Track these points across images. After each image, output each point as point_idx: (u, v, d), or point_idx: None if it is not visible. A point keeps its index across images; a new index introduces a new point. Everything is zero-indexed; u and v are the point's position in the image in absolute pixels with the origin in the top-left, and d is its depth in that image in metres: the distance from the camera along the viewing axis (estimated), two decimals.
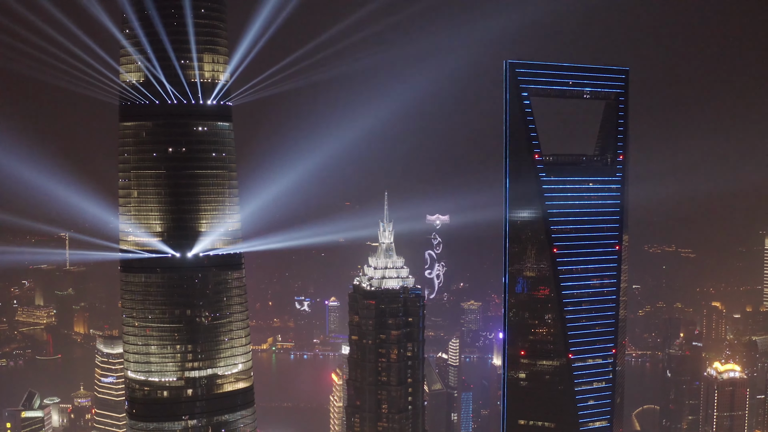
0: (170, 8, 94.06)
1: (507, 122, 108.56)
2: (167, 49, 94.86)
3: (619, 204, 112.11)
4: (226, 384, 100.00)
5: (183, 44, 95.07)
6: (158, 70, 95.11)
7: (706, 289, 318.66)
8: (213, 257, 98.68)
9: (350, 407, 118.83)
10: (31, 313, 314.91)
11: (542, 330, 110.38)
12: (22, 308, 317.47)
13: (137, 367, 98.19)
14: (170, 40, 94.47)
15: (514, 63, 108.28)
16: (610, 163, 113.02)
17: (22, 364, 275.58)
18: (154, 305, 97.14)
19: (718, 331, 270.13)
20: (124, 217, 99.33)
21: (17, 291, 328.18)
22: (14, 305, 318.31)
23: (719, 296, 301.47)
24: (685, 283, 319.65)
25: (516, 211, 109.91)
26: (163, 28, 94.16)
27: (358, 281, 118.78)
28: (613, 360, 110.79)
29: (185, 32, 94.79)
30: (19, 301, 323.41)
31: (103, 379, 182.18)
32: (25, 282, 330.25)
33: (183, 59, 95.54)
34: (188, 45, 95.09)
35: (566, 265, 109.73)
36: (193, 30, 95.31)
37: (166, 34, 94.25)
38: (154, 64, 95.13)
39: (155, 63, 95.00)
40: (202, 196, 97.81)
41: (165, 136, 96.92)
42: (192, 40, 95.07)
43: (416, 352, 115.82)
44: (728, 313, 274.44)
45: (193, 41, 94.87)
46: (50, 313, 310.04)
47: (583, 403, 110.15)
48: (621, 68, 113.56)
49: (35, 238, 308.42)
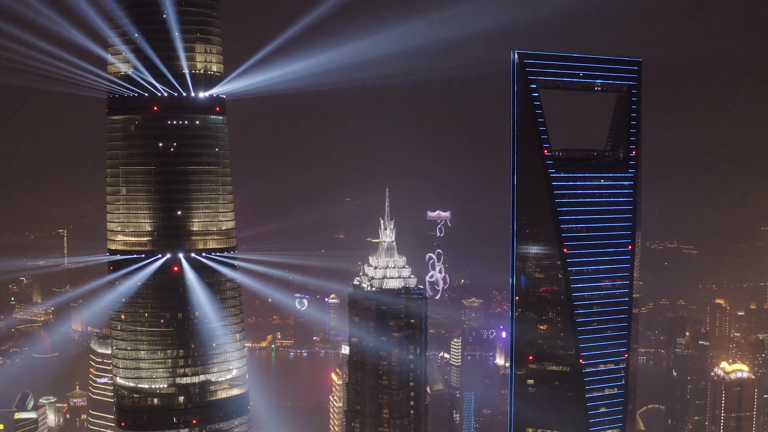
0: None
1: (514, 115, 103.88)
2: (156, 39, 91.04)
3: (632, 202, 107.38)
4: (219, 390, 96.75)
5: (173, 33, 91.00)
6: (147, 61, 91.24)
7: (709, 286, 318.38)
8: (206, 257, 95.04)
9: (350, 411, 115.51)
10: (29, 311, 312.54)
11: (551, 333, 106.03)
12: (19, 305, 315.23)
13: (126, 373, 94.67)
14: (160, 29, 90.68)
15: (522, 53, 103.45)
16: (622, 158, 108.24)
17: (19, 362, 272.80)
18: (143, 308, 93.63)
19: (721, 329, 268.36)
20: (112, 215, 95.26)
21: (15, 288, 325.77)
22: (12, 302, 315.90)
23: (722, 293, 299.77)
24: (687, 280, 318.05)
25: (524, 209, 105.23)
26: (151, 16, 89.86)
27: (358, 281, 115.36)
28: (626, 365, 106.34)
29: (176, 20, 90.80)
30: (16, 298, 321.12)
31: (97, 380, 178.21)
32: (23, 279, 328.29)
33: (173, 49, 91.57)
34: (179, 34, 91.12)
35: (577, 266, 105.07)
36: (184, 18, 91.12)
37: (155, 23, 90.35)
38: (142, 54, 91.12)
39: (144, 53, 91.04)
40: (194, 193, 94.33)
41: (155, 130, 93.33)
42: (182, 29, 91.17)
43: (418, 354, 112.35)
44: (732, 311, 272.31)
45: (182, 30, 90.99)
46: (48, 311, 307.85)
47: (594, 410, 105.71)
48: (634, 59, 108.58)
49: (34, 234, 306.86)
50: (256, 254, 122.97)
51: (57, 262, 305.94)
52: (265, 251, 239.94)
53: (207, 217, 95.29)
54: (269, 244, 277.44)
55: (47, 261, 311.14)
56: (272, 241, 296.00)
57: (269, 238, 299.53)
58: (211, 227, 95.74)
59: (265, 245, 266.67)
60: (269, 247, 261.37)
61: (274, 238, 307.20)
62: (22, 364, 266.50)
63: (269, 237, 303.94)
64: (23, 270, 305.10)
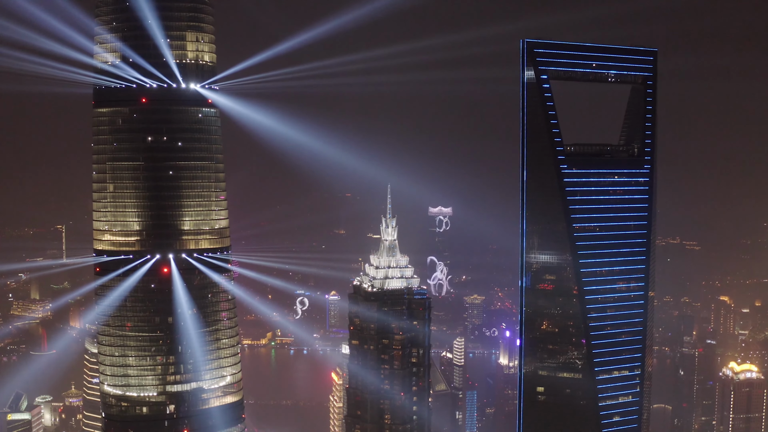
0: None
1: (524, 108, 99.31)
2: (145, 27, 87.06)
3: (648, 200, 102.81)
4: (212, 398, 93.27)
5: (163, 21, 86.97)
6: (135, 50, 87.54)
7: (712, 283, 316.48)
8: (197, 258, 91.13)
9: (350, 417, 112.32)
10: (27, 307, 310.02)
11: (563, 339, 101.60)
12: (17, 302, 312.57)
13: (114, 380, 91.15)
14: (148, 17, 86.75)
15: (531, 42, 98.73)
16: (637, 154, 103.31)
17: (16, 359, 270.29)
18: (131, 312, 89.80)
19: (726, 326, 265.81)
20: (98, 213, 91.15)
21: (13, 285, 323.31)
22: (9, 298, 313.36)
23: (725, 290, 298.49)
24: (690, 277, 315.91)
25: (534, 207, 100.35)
26: (140, 3, 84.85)
27: (358, 281, 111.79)
28: (641, 372, 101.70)
29: (165, 8, 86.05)
30: (14, 295, 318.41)
31: (92, 380, 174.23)
32: (21, 275, 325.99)
33: (163, 37, 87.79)
34: (169, 22, 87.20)
35: (590, 267, 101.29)
36: (174, 5, 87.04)
37: (143, 10, 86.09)
38: (130, 43, 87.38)
39: (132, 42, 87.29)
40: (185, 190, 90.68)
41: (143, 123, 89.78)
42: (172, 16, 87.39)
43: (422, 358, 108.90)
44: (736, 308, 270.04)
45: (171, 17, 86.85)
46: (46, 308, 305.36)
47: (607, 419, 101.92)
48: (649, 49, 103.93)
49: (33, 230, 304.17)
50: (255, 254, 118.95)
51: (55, 261, 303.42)
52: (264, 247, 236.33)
53: (199, 216, 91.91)
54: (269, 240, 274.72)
55: (45, 258, 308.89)
56: (272, 237, 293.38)
57: (269, 234, 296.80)
58: (204, 226, 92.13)
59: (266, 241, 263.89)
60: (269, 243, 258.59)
61: (274, 233, 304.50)
62: (19, 362, 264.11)
63: (269, 232, 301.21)
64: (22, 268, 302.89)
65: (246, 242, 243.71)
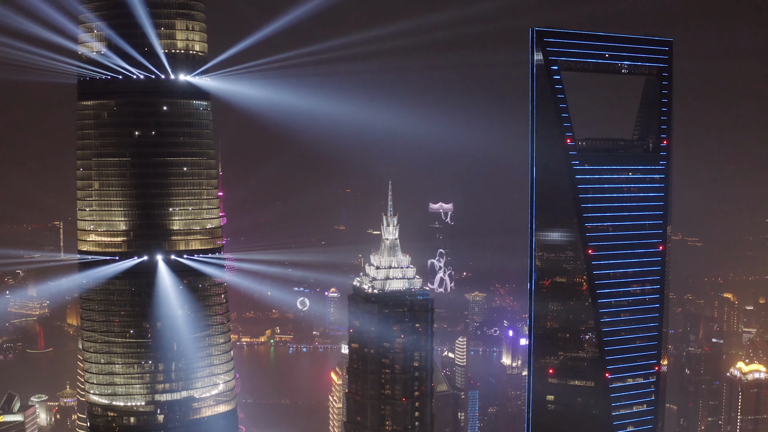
0: None
1: (533, 101, 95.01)
2: (132, 14, 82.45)
3: (664, 197, 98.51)
4: (204, 408, 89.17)
5: (151, 8, 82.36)
6: (121, 39, 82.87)
7: (714, 279, 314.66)
8: (188, 259, 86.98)
9: (350, 423, 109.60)
10: (24, 305, 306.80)
11: (574, 345, 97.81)
12: (14, 299, 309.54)
13: (100, 389, 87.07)
14: (136, 4, 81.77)
15: (541, 31, 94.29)
16: (652, 149, 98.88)
17: (12, 357, 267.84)
18: (117, 316, 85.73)
19: (730, 324, 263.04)
20: (83, 212, 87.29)
21: (11, 281, 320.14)
22: (6, 295, 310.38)
23: (728, 286, 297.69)
24: (692, 273, 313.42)
25: (544, 206, 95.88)
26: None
27: (359, 281, 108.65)
28: (656, 379, 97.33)
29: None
30: (11, 292, 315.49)
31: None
32: (19, 271, 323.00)
33: (150, 26, 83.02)
34: (157, 9, 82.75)
35: (603, 269, 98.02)
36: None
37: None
38: (116, 32, 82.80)
39: (118, 30, 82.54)
40: (174, 187, 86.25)
41: (130, 116, 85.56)
42: (160, 3, 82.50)
43: (424, 362, 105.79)
44: (740, 305, 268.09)
45: (159, 4, 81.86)
46: (43, 304, 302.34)
47: (621, 429, 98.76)
48: (664, 39, 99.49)
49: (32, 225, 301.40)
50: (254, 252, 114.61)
51: (53, 256, 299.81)
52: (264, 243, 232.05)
53: (189, 215, 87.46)
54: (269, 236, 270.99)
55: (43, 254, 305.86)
56: (272, 233, 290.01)
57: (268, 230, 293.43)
58: (194, 226, 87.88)
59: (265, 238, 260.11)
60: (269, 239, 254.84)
61: (273, 229, 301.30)
62: (15, 360, 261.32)
63: (268, 228, 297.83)
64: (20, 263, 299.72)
65: (244, 237, 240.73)
